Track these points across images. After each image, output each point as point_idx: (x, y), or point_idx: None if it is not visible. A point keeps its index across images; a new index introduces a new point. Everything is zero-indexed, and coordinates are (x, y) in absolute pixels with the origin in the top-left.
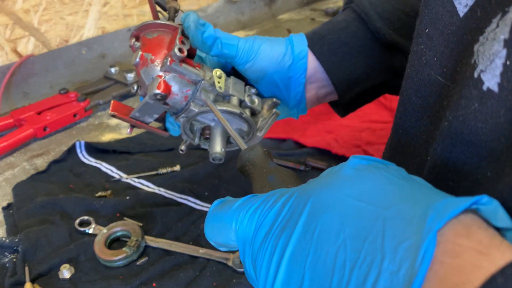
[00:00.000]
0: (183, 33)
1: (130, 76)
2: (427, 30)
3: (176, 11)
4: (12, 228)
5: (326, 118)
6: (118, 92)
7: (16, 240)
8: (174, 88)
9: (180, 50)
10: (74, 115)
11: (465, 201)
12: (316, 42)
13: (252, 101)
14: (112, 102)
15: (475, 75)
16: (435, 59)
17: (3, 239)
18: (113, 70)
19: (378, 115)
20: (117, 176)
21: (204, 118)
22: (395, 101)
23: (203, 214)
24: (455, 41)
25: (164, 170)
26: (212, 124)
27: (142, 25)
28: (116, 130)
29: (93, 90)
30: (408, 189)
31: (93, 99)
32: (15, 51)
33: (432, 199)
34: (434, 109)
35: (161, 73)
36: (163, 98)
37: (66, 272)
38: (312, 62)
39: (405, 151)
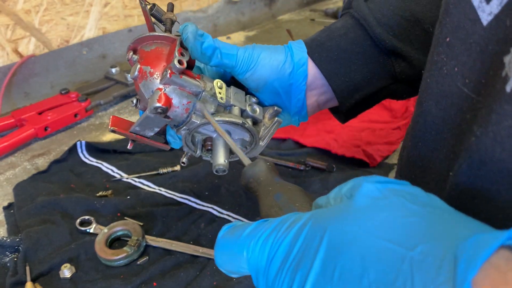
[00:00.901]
0: (182, 45)
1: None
2: (447, 39)
3: (173, 22)
4: (13, 227)
5: (326, 118)
6: (118, 92)
7: (17, 239)
8: (175, 100)
9: (180, 62)
10: (75, 115)
11: (497, 238)
12: (315, 49)
13: (254, 111)
14: (111, 117)
15: (508, 89)
16: (456, 69)
17: (4, 238)
18: (113, 70)
19: (378, 115)
20: (117, 176)
21: (206, 130)
22: (394, 101)
23: (203, 213)
24: (478, 51)
25: (164, 170)
26: (214, 135)
27: (139, 38)
28: None
29: (94, 90)
30: (432, 220)
31: (94, 99)
32: (16, 51)
33: (460, 234)
34: (455, 122)
35: (161, 86)
36: (164, 112)
37: (66, 271)
38: (311, 69)
39: (425, 165)
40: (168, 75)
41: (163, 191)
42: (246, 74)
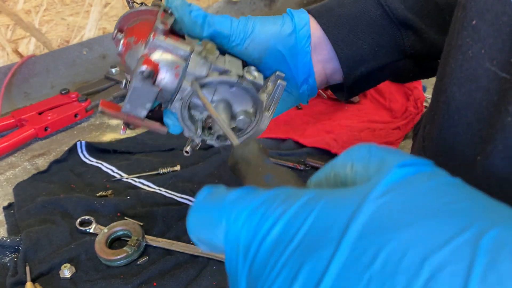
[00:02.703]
0: (165, 11)
1: None
2: (473, 22)
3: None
4: (13, 227)
5: (326, 118)
6: (118, 92)
7: (17, 239)
8: (162, 66)
9: (163, 22)
10: (75, 115)
11: None
12: (323, 14)
13: (253, 76)
14: (100, 100)
15: None
16: (483, 51)
17: (4, 238)
18: (114, 70)
19: (377, 115)
20: (117, 176)
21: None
22: (394, 102)
23: None
24: (507, 32)
25: (164, 170)
26: (213, 105)
27: (123, 17)
28: (117, 130)
29: (94, 91)
30: (481, 203)
31: (94, 99)
32: (16, 51)
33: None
34: (481, 105)
35: (145, 52)
36: (151, 76)
37: (67, 271)
38: (317, 32)
39: (448, 152)
40: (151, 38)
41: (163, 191)
42: (245, 42)
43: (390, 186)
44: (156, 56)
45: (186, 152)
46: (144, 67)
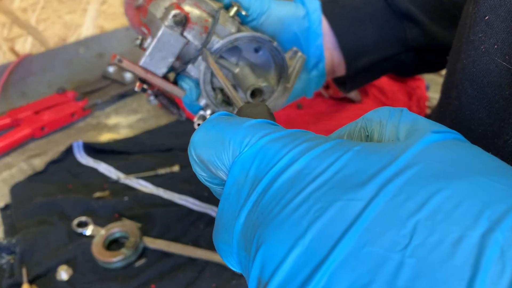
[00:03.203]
0: None
1: (128, 75)
2: (486, 18)
3: None
4: (10, 229)
5: (327, 118)
6: (116, 92)
7: (14, 241)
8: (192, 17)
9: None
10: (72, 115)
11: None
12: (327, 4)
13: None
14: (112, 54)
15: None
16: (496, 47)
17: (0, 240)
18: (111, 69)
19: None
20: (115, 177)
21: (225, 65)
22: (397, 101)
23: (202, 215)
24: None
25: (163, 171)
26: (236, 71)
27: None
28: (115, 130)
29: (91, 90)
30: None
31: (91, 99)
32: (12, 50)
33: None
34: (492, 100)
35: (175, 0)
36: (183, 22)
37: (63, 273)
38: (323, 20)
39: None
40: None
41: (161, 192)
42: (262, 17)
43: (431, 145)
44: (187, 6)
45: (198, 125)
46: (177, 11)
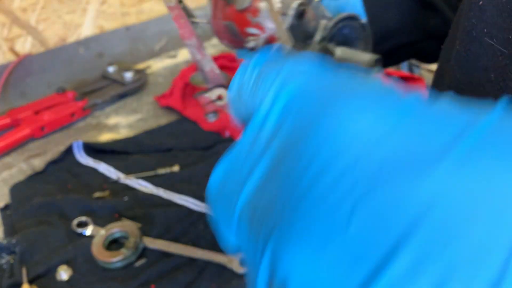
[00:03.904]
0: None
1: (128, 75)
2: (480, 3)
3: None
4: (9, 229)
5: None
6: (116, 92)
7: (14, 241)
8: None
9: None
10: (72, 115)
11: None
12: None
13: None
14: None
15: None
16: (486, 30)
17: (0, 240)
18: (111, 69)
19: None
20: (115, 177)
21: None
22: None
23: (202, 215)
24: (509, 10)
25: (163, 171)
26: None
27: None
28: (114, 130)
29: (91, 89)
30: None
31: (91, 98)
32: (12, 50)
33: None
34: (480, 84)
35: None
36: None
37: (63, 273)
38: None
39: None
40: None
41: (161, 192)
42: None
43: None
44: None
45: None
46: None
